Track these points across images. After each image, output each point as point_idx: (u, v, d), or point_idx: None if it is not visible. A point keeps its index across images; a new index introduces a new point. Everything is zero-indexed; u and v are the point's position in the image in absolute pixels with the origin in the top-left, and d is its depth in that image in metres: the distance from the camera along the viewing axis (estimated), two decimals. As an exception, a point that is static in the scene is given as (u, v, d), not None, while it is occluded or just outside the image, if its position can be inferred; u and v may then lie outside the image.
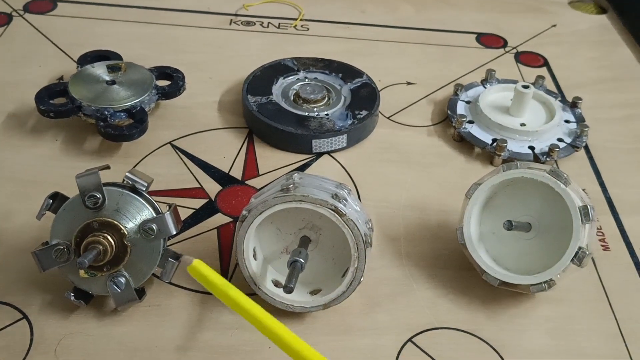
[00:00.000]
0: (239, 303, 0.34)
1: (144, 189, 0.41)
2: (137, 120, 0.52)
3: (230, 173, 0.53)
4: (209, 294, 0.42)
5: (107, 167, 0.42)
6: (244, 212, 0.40)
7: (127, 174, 0.40)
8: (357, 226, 0.39)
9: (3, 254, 0.45)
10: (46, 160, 0.53)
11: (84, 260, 0.36)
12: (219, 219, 0.49)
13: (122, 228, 0.39)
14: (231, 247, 0.47)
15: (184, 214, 0.49)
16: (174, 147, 0.55)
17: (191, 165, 0.53)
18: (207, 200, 0.50)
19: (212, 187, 0.51)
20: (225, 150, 0.55)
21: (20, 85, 0.60)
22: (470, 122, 0.58)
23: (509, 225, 0.42)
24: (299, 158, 0.54)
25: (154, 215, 0.41)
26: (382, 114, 0.60)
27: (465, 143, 0.57)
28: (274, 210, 0.39)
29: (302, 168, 0.54)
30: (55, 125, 0.55)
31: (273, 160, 0.54)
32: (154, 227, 0.40)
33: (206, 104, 0.60)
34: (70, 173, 0.51)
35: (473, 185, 0.45)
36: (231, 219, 0.49)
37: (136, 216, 0.40)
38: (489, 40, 0.73)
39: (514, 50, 0.71)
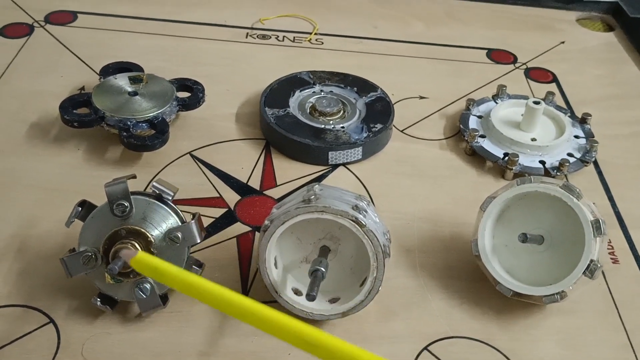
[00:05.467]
0: (200, 286, 0.30)
1: (170, 198, 0.42)
2: (159, 131, 0.54)
3: (248, 183, 0.54)
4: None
5: (134, 177, 0.43)
6: (266, 222, 0.42)
7: (153, 183, 0.42)
8: (376, 237, 0.40)
9: (29, 260, 0.46)
10: (69, 169, 0.54)
11: (114, 267, 0.38)
12: (238, 228, 0.50)
13: (149, 236, 0.41)
14: (250, 255, 0.48)
15: (205, 222, 0.50)
16: (194, 157, 0.56)
17: (210, 175, 0.55)
18: (227, 209, 0.51)
19: (231, 197, 0.53)
20: (243, 160, 0.56)
21: (43, 95, 0.61)
22: (482, 136, 0.59)
23: (524, 238, 0.43)
24: (315, 169, 0.56)
25: (179, 223, 0.42)
26: (396, 127, 0.61)
27: (477, 157, 0.59)
28: (296, 220, 0.41)
29: (318, 179, 0.55)
30: (77, 135, 0.57)
31: (290, 171, 0.56)
32: (180, 235, 0.41)
33: (224, 115, 0.61)
34: (93, 182, 0.53)
35: (487, 199, 0.46)
36: (250, 228, 0.50)
37: (162, 224, 0.42)
38: (499, 56, 0.74)
39: (524, 66, 0.73)
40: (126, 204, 0.41)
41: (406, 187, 0.55)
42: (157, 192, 0.42)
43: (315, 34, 0.74)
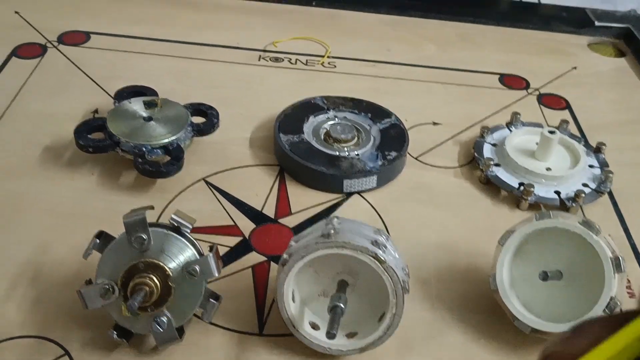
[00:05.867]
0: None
1: (188, 231, 0.42)
2: (174, 158, 0.54)
3: (263, 211, 0.54)
4: (246, 333, 0.43)
5: (152, 208, 0.43)
6: (284, 256, 0.41)
7: (172, 216, 0.41)
8: (396, 273, 0.40)
9: (44, 288, 0.46)
10: (83, 194, 0.54)
11: (134, 303, 0.37)
12: (254, 257, 0.50)
13: (167, 269, 0.40)
14: (266, 285, 0.48)
15: (220, 251, 0.49)
16: (208, 183, 0.56)
17: (224, 202, 0.54)
18: (242, 238, 0.51)
19: (246, 225, 0.52)
20: (258, 187, 0.56)
21: (56, 117, 0.61)
22: (497, 165, 0.59)
23: (545, 276, 0.43)
24: (329, 197, 0.56)
25: (197, 256, 0.42)
26: (410, 154, 0.61)
27: (491, 185, 0.58)
28: (315, 255, 0.40)
29: (333, 207, 0.55)
30: (91, 159, 0.57)
31: (304, 199, 0.55)
32: (198, 269, 0.41)
33: (238, 140, 0.61)
34: (107, 206, 0.53)
35: (506, 233, 0.46)
36: (265, 258, 0.50)
37: (180, 257, 0.41)
38: (511, 81, 0.74)
39: (537, 92, 0.73)
40: (145, 236, 0.40)
41: (421, 216, 0.55)
42: (176, 224, 0.41)
43: (328, 56, 0.74)
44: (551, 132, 0.58)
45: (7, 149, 0.57)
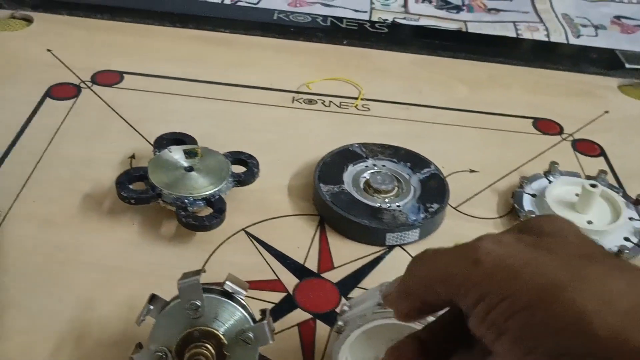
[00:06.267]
0: None
1: (243, 297, 0.41)
2: (216, 210, 0.53)
3: (305, 264, 0.53)
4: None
5: (204, 271, 0.42)
6: (340, 323, 0.41)
7: (227, 282, 0.41)
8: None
9: (90, 349, 0.45)
10: (125, 245, 0.53)
11: (193, 376, 0.37)
12: (299, 315, 0.49)
13: (222, 338, 0.40)
14: (313, 346, 0.47)
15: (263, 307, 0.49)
16: (248, 234, 0.56)
17: (266, 254, 0.54)
18: (286, 294, 0.51)
19: (289, 279, 0.52)
20: (299, 238, 0.56)
21: (94, 162, 0.61)
22: (538, 217, 0.59)
23: None
24: (371, 250, 0.55)
25: (251, 322, 0.41)
26: (449, 204, 0.61)
27: (531, 238, 0.58)
28: (373, 325, 0.40)
29: (375, 261, 0.54)
30: (131, 208, 0.56)
31: (346, 251, 0.55)
32: (252, 336, 0.40)
33: (276, 188, 0.61)
34: (149, 259, 0.52)
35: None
36: (311, 316, 0.49)
37: (233, 323, 0.41)
38: (545, 125, 0.74)
39: (571, 138, 0.72)
40: (199, 303, 0.40)
41: (464, 271, 0.54)
42: (230, 290, 0.41)
43: (362, 99, 0.74)
44: (593, 186, 0.58)
45: (47, 196, 0.57)
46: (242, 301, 0.42)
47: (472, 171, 0.66)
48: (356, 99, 0.74)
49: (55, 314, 0.47)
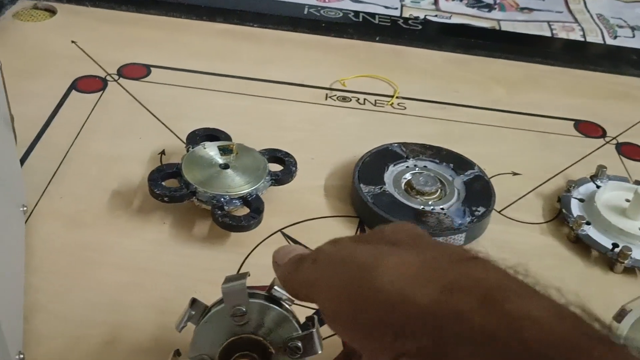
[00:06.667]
0: None
1: (290, 304, 0.39)
2: (254, 210, 0.51)
3: (346, 269, 0.51)
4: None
5: (248, 275, 0.40)
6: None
7: (275, 287, 0.38)
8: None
9: (123, 355, 0.43)
10: (155, 246, 0.51)
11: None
12: (342, 322, 0.46)
13: (269, 347, 0.37)
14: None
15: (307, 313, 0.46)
16: (285, 235, 0.53)
17: (305, 257, 0.51)
18: (327, 300, 0.48)
19: (329, 285, 0.49)
20: (338, 241, 0.53)
21: (122, 158, 0.58)
22: (587, 223, 0.56)
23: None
24: (414, 255, 0.52)
25: (299, 331, 0.38)
26: (494, 208, 0.58)
27: (581, 244, 0.55)
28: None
29: (419, 267, 0.51)
30: (162, 206, 0.53)
31: (388, 256, 0.52)
32: (300, 346, 0.37)
33: (312, 188, 0.58)
34: (182, 261, 0.50)
35: (621, 310, 0.42)
36: (354, 324, 0.46)
37: (280, 331, 0.38)
38: (587, 128, 0.71)
39: (615, 141, 0.69)
40: (244, 309, 0.37)
41: (512, 279, 0.52)
42: (277, 296, 0.38)
43: (397, 97, 0.71)
44: (647, 191, 0.55)
45: (74, 193, 0.54)
46: (290, 309, 0.39)
47: (514, 174, 0.63)
48: (391, 97, 0.71)
49: (86, 318, 0.45)
